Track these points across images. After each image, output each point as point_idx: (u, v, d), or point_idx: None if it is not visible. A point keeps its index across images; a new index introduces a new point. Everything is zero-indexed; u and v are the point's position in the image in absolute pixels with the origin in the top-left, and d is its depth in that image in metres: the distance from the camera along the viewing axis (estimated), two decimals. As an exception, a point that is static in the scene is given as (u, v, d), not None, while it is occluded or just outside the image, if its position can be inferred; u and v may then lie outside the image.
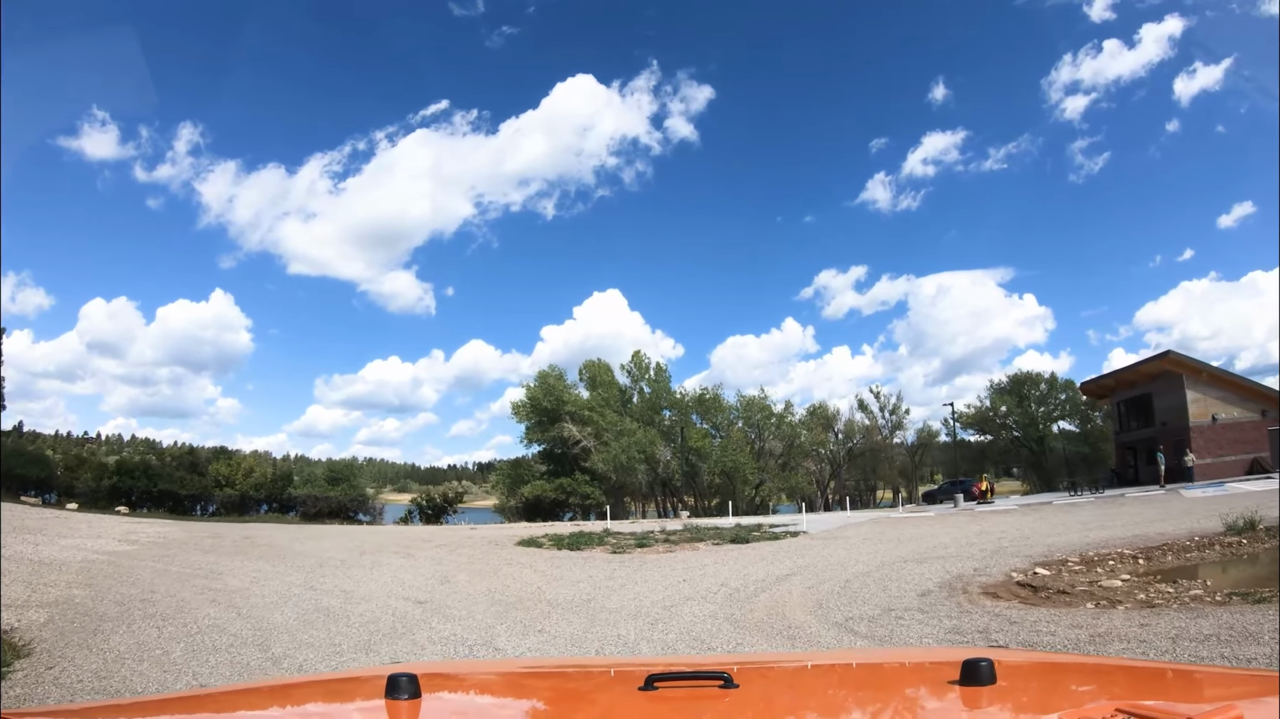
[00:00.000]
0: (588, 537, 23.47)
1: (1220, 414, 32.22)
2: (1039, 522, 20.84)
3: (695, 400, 57.24)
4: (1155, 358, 33.87)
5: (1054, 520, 20.86)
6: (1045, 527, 19.23)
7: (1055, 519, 21.18)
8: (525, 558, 18.41)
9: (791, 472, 53.96)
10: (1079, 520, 20.07)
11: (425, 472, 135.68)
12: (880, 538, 19.46)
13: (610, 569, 15.62)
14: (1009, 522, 21.65)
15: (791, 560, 15.36)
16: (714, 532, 23.32)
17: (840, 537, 20.61)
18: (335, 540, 23.12)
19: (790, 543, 19.49)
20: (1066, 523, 19.76)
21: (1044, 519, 21.45)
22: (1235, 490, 25.49)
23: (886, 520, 26.03)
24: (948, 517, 25.58)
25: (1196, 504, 21.87)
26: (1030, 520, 21.45)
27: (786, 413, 56.10)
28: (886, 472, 61.58)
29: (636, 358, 59.83)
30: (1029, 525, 19.91)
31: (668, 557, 17.78)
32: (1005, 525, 20.49)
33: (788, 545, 18.81)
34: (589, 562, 17.30)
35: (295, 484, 64.23)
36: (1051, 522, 20.56)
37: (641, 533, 24.45)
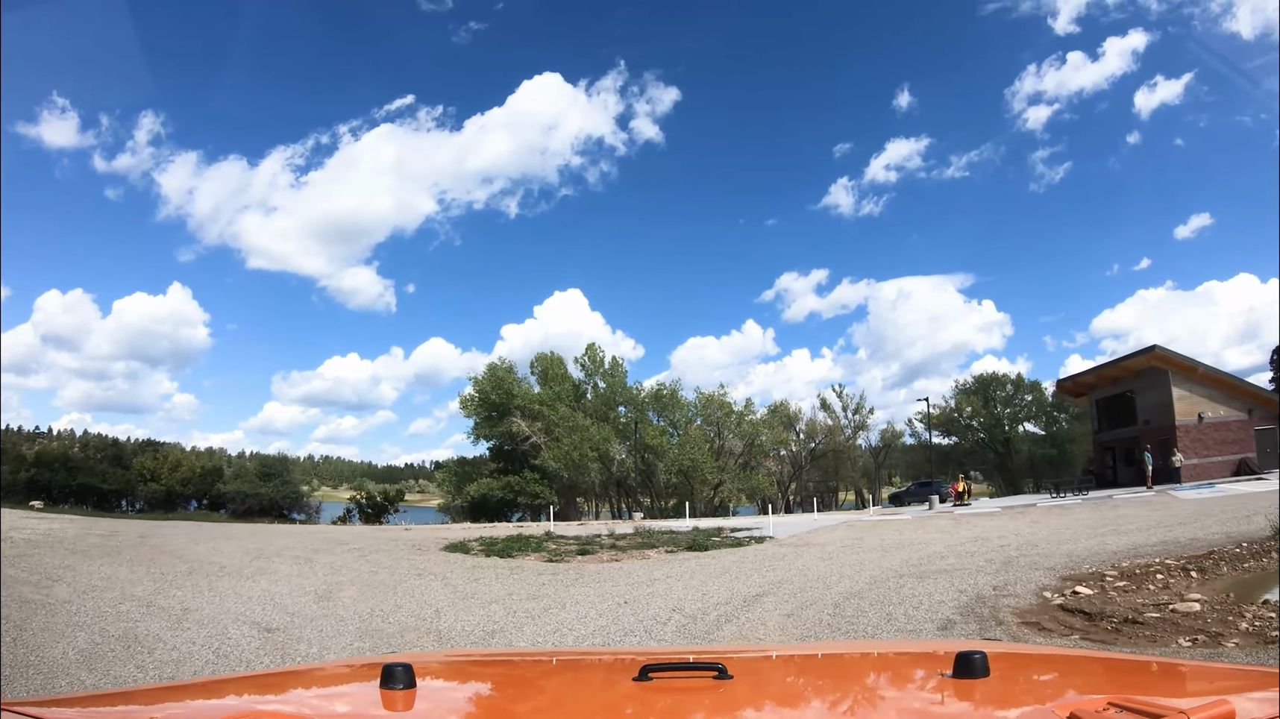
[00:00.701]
0: (525, 541, 20.67)
1: (1207, 413, 30.40)
2: (1035, 526, 18.33)
3: (652, 397, 54.42)
4: (1140, 353, 31.95)
5: (1051, 524, 18.36)
6: (1046, 531, 16.69)
7: (1052, 523, 18.69)
8: (441, 567, 15.45)
9: (752, 472, 51.51)
10: (1082, 525, 17.58)
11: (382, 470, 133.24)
12: (860, 545, 16.70)
13: (538, 585, 12.61)
14: (1001, 526, 19.12)
15: (761, 575, 12.47)
16: (668, 536, 20.41)
17: (813, 543, 17.82)
18: (240, 542, 20.70)
19: (756, 551, 16.64)
20: (1069, 527, 17.25)
21: (1039, 523, 18.96)
22: (1231, 492, 23.44)
23: (860, 524, 23.39)
24: (927, 520, 23.04)
25: (1203, 506, 19.60)
26: (1024, 524, 18.93)
27: (747, 411, 53.63)
28: (849, 473, 59.63)
29: (591, 351, 56.80)
30: (1026, 530, 17.37)
31: (611, 568, 14.82)
32: (1000, 530, 17.93)
33: (754, 554, 15.94)
34: (515, 573, 14.28)
35: (225, 480, 60.27)
36: (1050, 525, 18.05)
37: (587, 537, 21.59)
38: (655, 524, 27.91)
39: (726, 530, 21.83)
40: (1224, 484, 26.48)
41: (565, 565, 15.61)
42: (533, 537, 22.67)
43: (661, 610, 9.40)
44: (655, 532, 22.24)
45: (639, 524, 26.78)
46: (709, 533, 21.01)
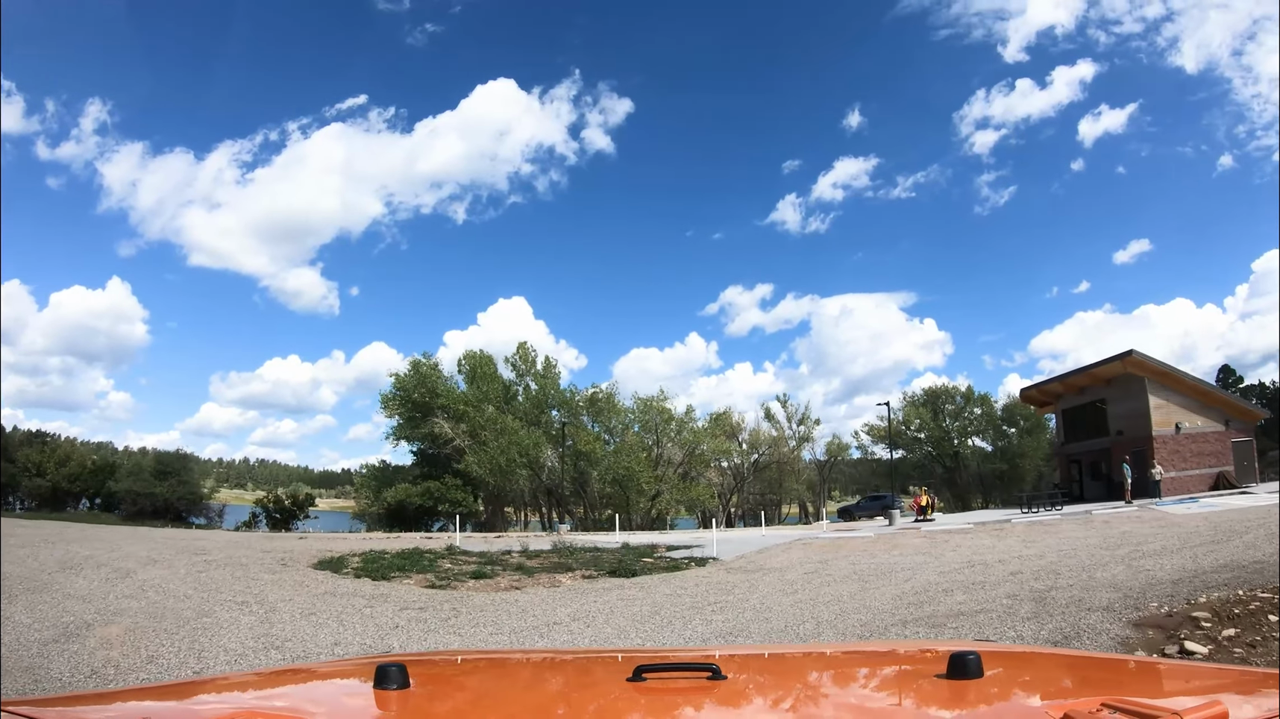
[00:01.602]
0: (417, 558, 17.04)
1: (1184, 423, 28.22)
2: (1030, 546, 15.18)
3: (587, 400, 50.72)
4: (1114, 359, 29.61)
5: (1049, 544, 15.24)
6: (1050, 554, 13.51)
7: (1048, 542, 15.58)
8: (282, 592, 11.85)
9: (692, 483, 48.11)
10: (1087, 545, 14.48)
11: (319, 475, 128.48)
12: (827, 571, 13.24)
13: (387, 629, 8.81)
14: (989, 545, 15.93)
15: (703, 619, 8.81)
16: (591, 556, 16.71)
17: (767, 567, 14.32)
18: (80, 547, 17.39)
19: (697, 578, 13.03)
20: (1073, 548, 14.11)
21: (1034, 542, 15.84)
22: (1226, 506, 20.92)
23: (817, 542, 20.01)
24: (894, 538, 19.83)
25: (1208, 522, 16.73)
26: (1016, 544, 15.79)
27: (687, 419, 50.30)
28: (793, 486, 56.88)
29: (522, 350, 52.85)
30: (1025, 551, 14.19)
31: (503, 601, 11.07)
32: (992, 551, 14.72)
33: (694, 583, 12.30)
34: (372, 606, 10.47)
35: (117, 478, 54.48)
36: (1048, 545, 14.91)
37: (495, 553, 17.89)
38: (581, 538, 24.22)
39: (661, 549, 18.21)
40: (1207, 498, 24.17)
41: (446, 595, 11.79)
42: (430, 552, 18.76)
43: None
44: (577, 549, 18.49)
45: (561, 538, 23.10)
46: (640, 551, 17.38)
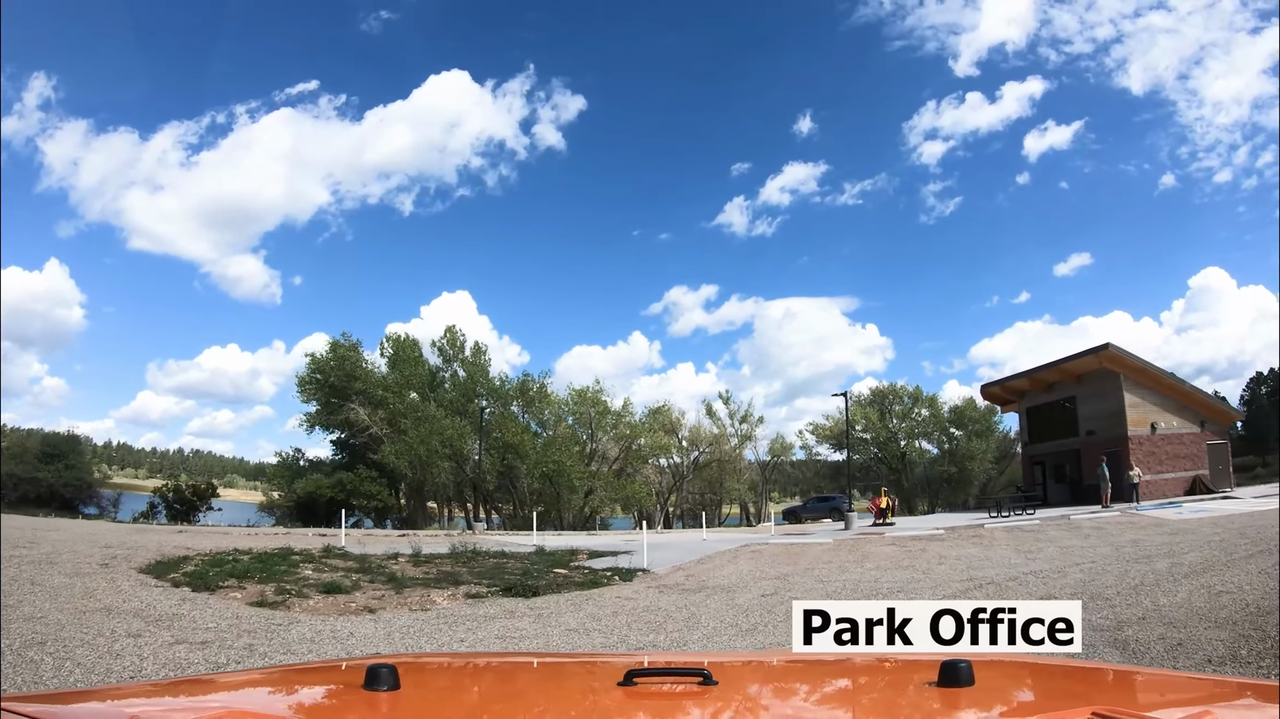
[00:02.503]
0: (277, 562, 13.47)
1: (1160, 423, 26.29)
2: (1032, 559, 12.38)
3: (517, 389, 47.01)
4: (1087, 353, 27.44)
5: (1053, 555, 12.48)
6: (1075, 572, 10.68)
7: (1052, 554, 12.82)
8: (37, 605, 8.02)
9: (628, 480, 44.92)
10: (1105, 555, 11.75)
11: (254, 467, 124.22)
12: (790, 592, 10.13)
13: (85, 683, 5.19)
14: (985, 558, 13.08)
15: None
16: (494, 563, 13.36)
17: (711, 584, 11.15)
18: None
19: (618, 601, 9.71)
20: (1094, 562, 11.34)
21: (1035, 554, 13.05)
22: (1224, 511, 18.72)
23: (767, 549, 16.99)
24: (857, 545, 16.98)
25: (1217, 530, 14.23)
26: (1012, 555, 12.99)
27: (625, 412, 47.08)
28: (734, 486, 54.14)
29: (450, 334, 48.91)
30: (1038, 567, 11.35)
31: (333, 633, 7.60)
32: (998, 566, 11.84)
33: (612, 611, 8.96)
34: (140, 635, 6.88)
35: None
36: (1055, 558, 12.14)
37: (381, 557, 14.60)
38: (497, 539, 20.89)
39: (583, 555, 14.95)
40: (1189, 503, 22.10)
41: (263, 619, 8.34)
42: (302, 554, 15.18)
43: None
44: (481, 553, 15.05)
45: (473, 538, 19.72)
46: (556, 558, 14.11)
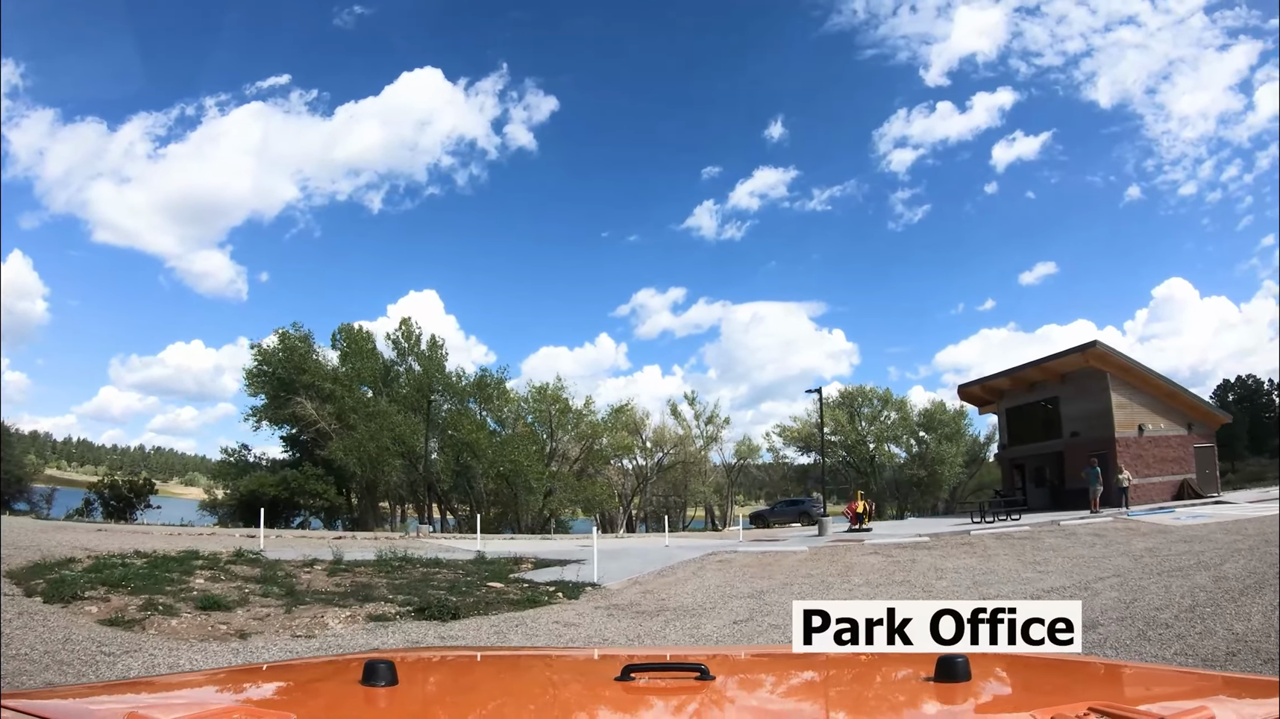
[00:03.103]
0: (166, 569, 11.29)
1: (1147, 425, 25.12)
2: (1044, 573, 10.71)
3: (474, 385, 44.81)
4: (1073, 351, 26.05)
5: (1065, 568, 10.83)
6: (1108, 590, 9.00)
7: (1063, 566, 11.18)
8: None
9: (589, 481, 43.06)
10: (1124, 567, 10.11)
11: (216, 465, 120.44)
12: (768, 618, 8.29)
13: None
14: (989, 571, 11.37)
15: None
16: (422, 575, 11.37)
17: (672, 606, 9.25)
18: None
19: (555, 627, 7.78)
20: (1119, 576, 9.70)
21: (1044, 567, 11.38)
22: (1227, 516, 17.39)
23: (736, 558, 15.20)
24: (836, 554, 15.30)
25: (1238, 535, 12.80)
26: (1020, 568, 11.32)
27: (587, 410, 45.20)
28: (699, 488, 52.64)
29: (405, 326, 46.56)
30: (1056, 583, 9.68)
31: (190, 663, 5.61)
32: (1006, 580, 10.16)
33: (546, 642, 7.10)
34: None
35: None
36: (1069, 571, 10.50)
37: (296, 563, 12.72)
38: (436, 542, 18.91)
39: (528, 564, 13.02)
40: (1183, 509, 20.86)
41: (110, 640, 6.45)
42: (209, 557, 13.19)
43: None
44: (412, 560, 13.07)
45: (411, 542, 17.68)
46: (495, 568, 12.18)
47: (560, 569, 12.12)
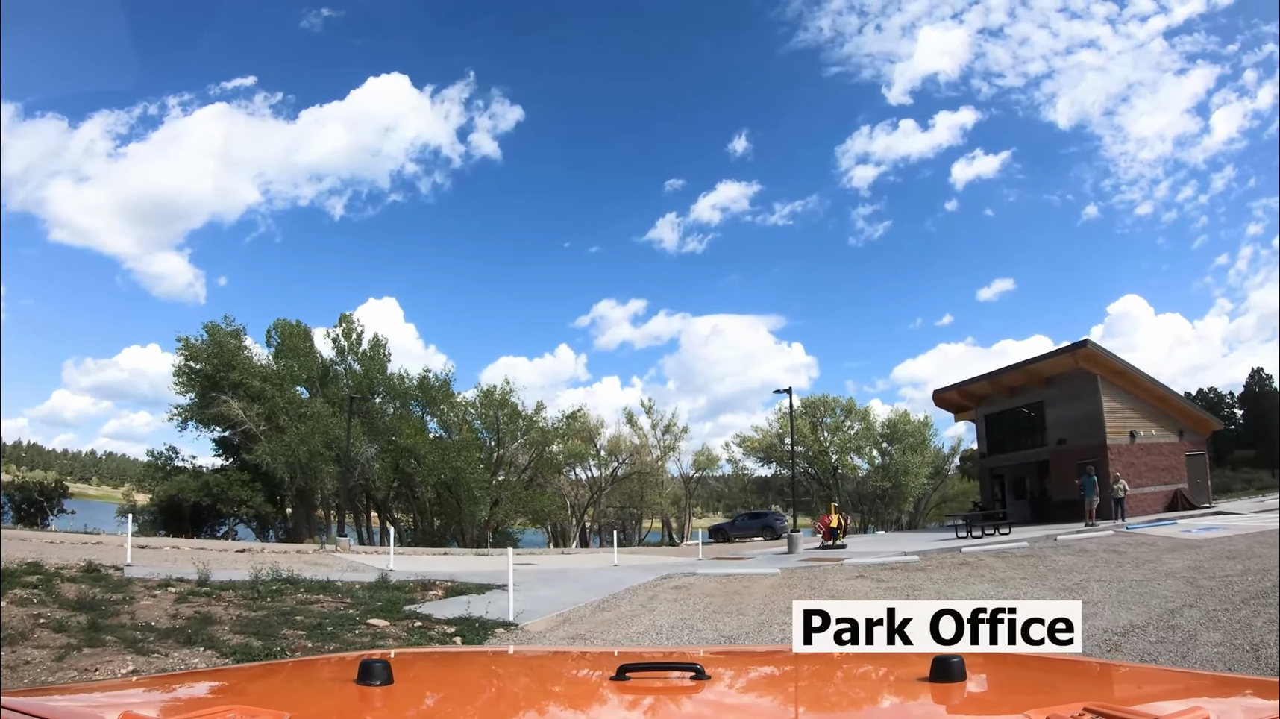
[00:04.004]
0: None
1: (1139, 431, 23.57)
2: (1087, 599, 8.56)
3: (418, 387, 41.94)
4: (1062, 351, 24.40)
5: (1107, 596, 8.68)
6: (1209, 628, 6.83)
7: (1104, 594, 9.02)
8: None
9: (538, 490, 40.47)
10: (1181, 593, 8.00)
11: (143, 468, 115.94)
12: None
13: None
14: (1012, 597, 9.19)
15: None
16: (295, 605, 8.75)
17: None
18: None
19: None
20: (1187, 606, 7.57)
21: (1084, 593, 9.22)
22: (1235, 528, 15.69)
23: (697, 585, 12.84)
24: (814, 576, 13.08)
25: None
26: (1046, 594, 9.16)
27: (537, 415, 42.67)
28: (656, 500, 50.51)
29: (346, 324, 43.52)
30: (1127, 619, 7.47)
31: None
32: (1102, 609, 7.96)
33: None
34: None
35: None
36: (1114, 599, 8.35)
37: (154, 582, 10.23)
38: (349, 557, 16.16)
39: (440, 589, 10.44)
40: (1183, 519, 19.23)
41: None
42: (53, 571, 10.40)
43: None
44: (298, 581, 10.40)
45: (312, 557, 14.90)
46: (398, 594, 9.61)
47: (478, 597, 9.58)
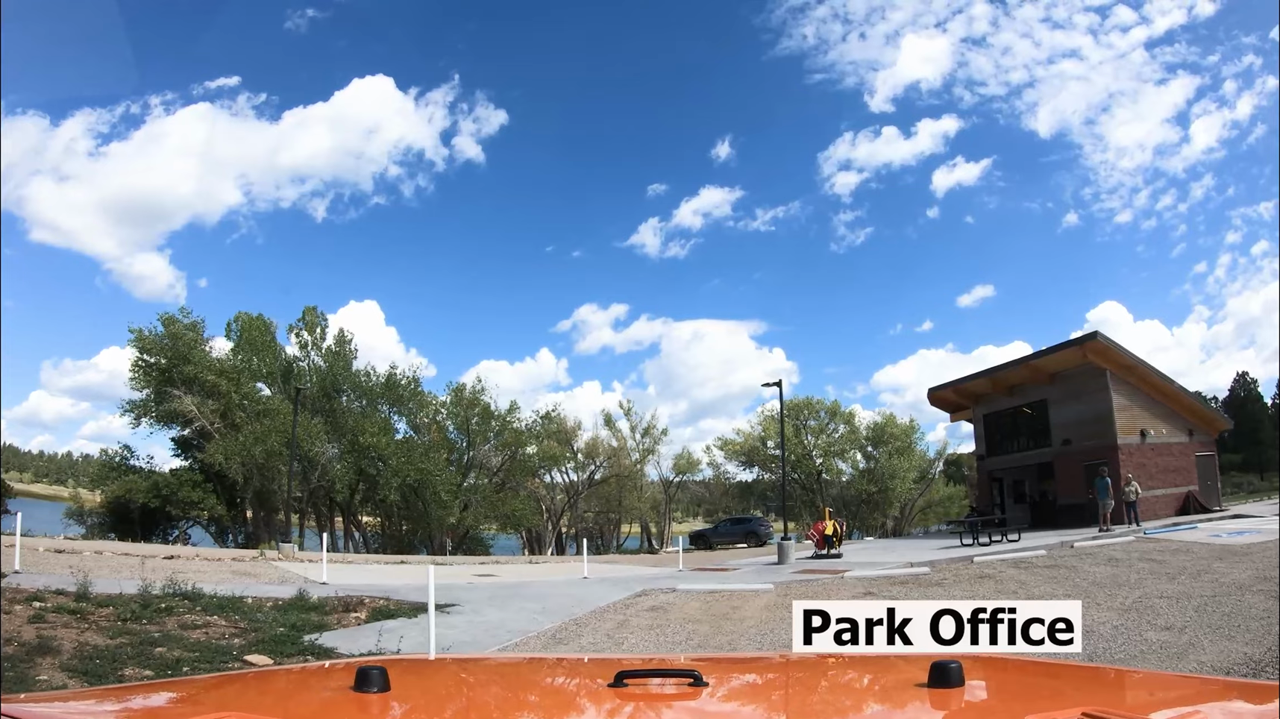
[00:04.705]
0: None
1: (1150, 431, 22.13)
2: (1152, 625, 6.94)
3: (384, 384, 39.91)
4: (1067, 345, 22.97)
5: (1172, 620, 7.08)
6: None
7: (1172, 617, 7.41)
8: None
9: (510, 494, 38.62)
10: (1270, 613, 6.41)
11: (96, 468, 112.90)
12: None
13: None
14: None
15: None
16: (171, 631, 6.92)
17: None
18: None
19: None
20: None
21: (1149, 615, 7.58)
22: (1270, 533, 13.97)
23: (677, 605, 11.10)
24: (813, 594, 11.40)
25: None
26: (1113, 616, 7.51)
27: (510, 415, 40.85)
28: (635, 504, 48.88)
29: (310, 317, 41.38)
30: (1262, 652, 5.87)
31: None
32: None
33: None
34: None
35: None
36: (1231, 622, 6.74)
37: (27, 592, 7.67)
38: (285, 566, 14.24)
39: (362, 611, 8.63)
40: (1204, 524, 17.80)
41: None
42: None
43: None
44: (194, 597, 8.54)
45: (245, 565, 12.93)
46: (306, 619, 7.80)
47: (410, 622, 7.77)
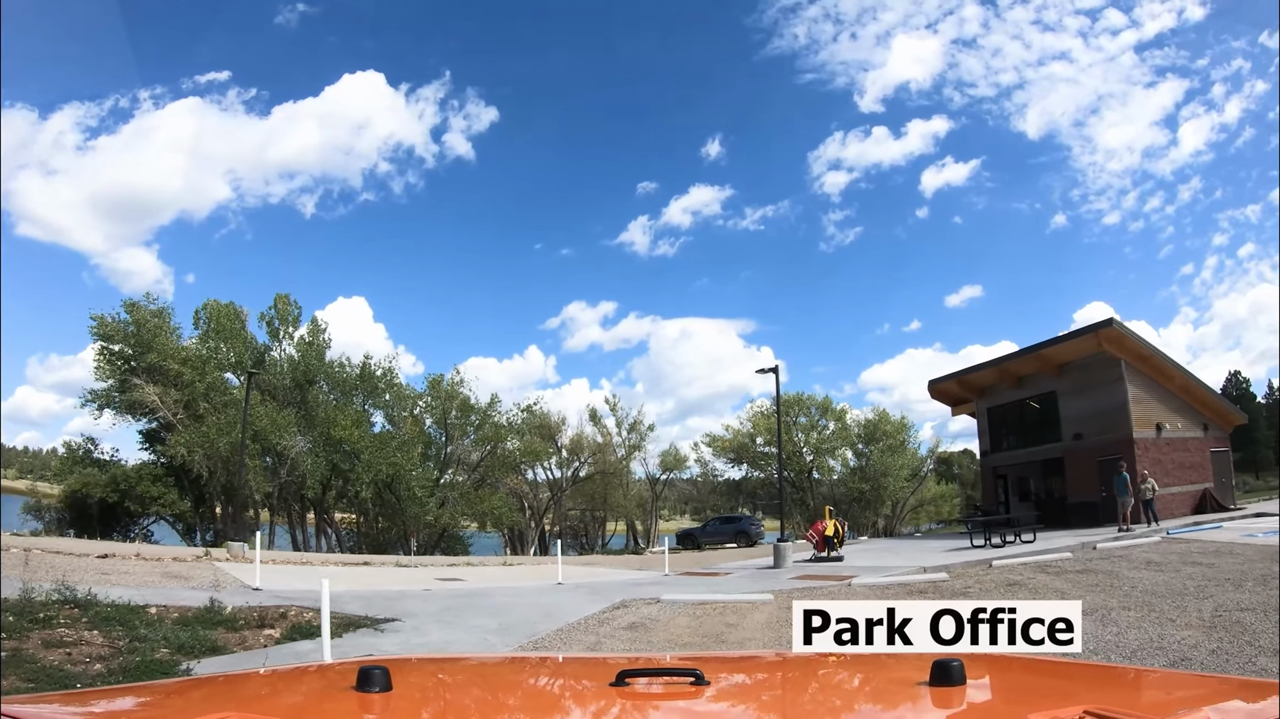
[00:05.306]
0: None
1: (1165, 425, 20.97)
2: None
3: (359, 375, 38.28)
4: (1080, 333, 21.87)
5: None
6: None
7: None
8: None
9: (489, 491, 37.14)
10: None
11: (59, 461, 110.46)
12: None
13: None
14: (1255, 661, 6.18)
15: None
16: (34, 647, 5.35)
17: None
18: None
19: None
20: None
21: (1256, 636, 6.28)
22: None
23: (662, 620, 9.66)
24: (824, 598, 9.96)
25: None
26: (1203, 638, 6.18)
27: (491, 409, 39.37)
28: (620, 502, 47.48)
29: (282, 305, 39.59)
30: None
31: None
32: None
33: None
34: None
35: None
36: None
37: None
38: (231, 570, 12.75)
39: (278, 628, 7.16)
40: (1229, 523, 16.74)
41: None
42: None
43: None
44: (87, 604, 7.11)
45: (183, 565, 11.41)
46: (195, 639, 6.35)
47: (337, 643, 6.30)
